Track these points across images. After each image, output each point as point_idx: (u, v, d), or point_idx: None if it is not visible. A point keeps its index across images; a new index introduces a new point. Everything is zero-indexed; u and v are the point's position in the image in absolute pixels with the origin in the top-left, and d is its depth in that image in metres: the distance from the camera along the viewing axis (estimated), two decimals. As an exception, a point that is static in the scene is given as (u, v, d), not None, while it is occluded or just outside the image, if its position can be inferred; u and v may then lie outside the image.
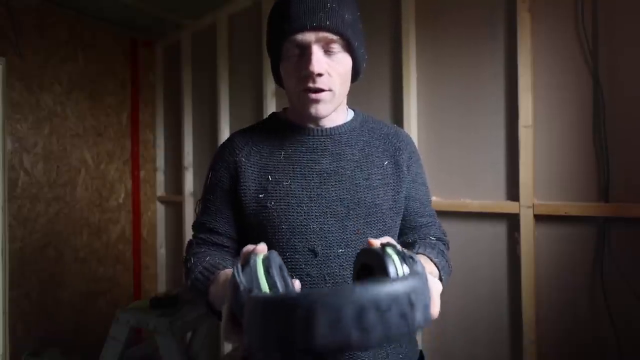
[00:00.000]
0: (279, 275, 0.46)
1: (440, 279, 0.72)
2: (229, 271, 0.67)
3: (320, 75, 0.69)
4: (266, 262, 0.46)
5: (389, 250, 0.47)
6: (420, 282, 0.39)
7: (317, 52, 0.68)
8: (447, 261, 0.79)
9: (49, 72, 2.25)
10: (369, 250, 0.50)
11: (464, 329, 1.52)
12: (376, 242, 0.53)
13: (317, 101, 0.71)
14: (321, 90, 0.71)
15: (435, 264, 0.72)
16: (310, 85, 0.70)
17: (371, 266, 0.48)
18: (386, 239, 0.53)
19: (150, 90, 2.86)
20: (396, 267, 0.44)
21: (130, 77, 2.70)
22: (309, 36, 0.68)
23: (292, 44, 0.69)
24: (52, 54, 2.26)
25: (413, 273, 0.41)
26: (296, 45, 0.69)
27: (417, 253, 0.74)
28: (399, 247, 0.49)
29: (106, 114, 2.55)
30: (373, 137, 0.83)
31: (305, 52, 0.69)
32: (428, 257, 0.73)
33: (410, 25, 1.63)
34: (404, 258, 0.46)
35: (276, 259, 0.48)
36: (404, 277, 0.38)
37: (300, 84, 0.71)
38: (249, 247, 0.53)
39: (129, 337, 1.82)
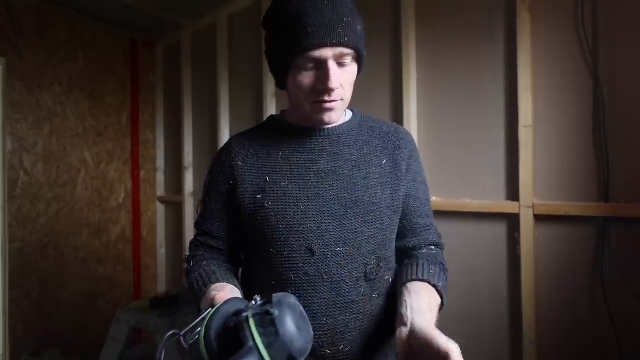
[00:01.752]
0: (215, 343, 0.49)
1: (442, 303, 0.72)
2: (218, 285, 0.71)
3: (336, 89, 0.71)
4: (208, 329, 0.49)
5: (251, 324, 0.47)
6: None
7: (333, 66, 0.69)
8: (446, 276, 0.77)
9: (49, 72, 2.25)
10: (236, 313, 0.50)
11: (464, 329, 1.52)
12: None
13: (330, 110, 0.73)
14: (334, 100, 0.72)
15: (438, 290, 0.71)
16: (326, 98, 0.71)
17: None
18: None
19: (150, 90, 2.86)
20: (254, 338, 0.46)
21: (130, 77, 2.70)
22: (326, 52, 0.68)
23: (308, 59, 0.69)
24: (52, 54, 2.26)
25: None
26: (312, 60, 0.69)
27: (420, 279, 0.72)
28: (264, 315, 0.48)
29: (106, 114, 2.55)
30: (372, 136, 0.83)
31: (320, 65, 0.69)
32: (431, 284, 0.71)
33: (410, 25, 1.63)
34: (269, 322, 0.46)
35: (218, 320, 0.50)
36: None
37: (314, 95, 0.72)
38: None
39: (129, 337, 1.82)
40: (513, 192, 1.42)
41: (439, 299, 0.71)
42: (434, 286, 0.71)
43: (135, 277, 2.70)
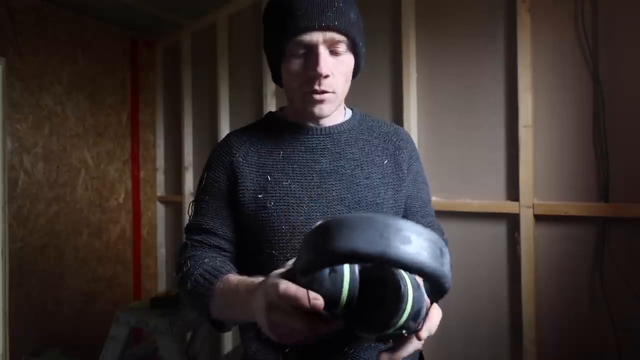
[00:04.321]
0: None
1: None
2: (237, 277, 0.65)
3: (326, 77, 0.68)
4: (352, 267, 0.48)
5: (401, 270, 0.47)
6: None
7: (323, 52, 0.68)
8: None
9: (49, 72, 2.24)
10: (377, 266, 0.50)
11: (464, 329, 1.52)
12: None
13: (321, 101, 0.71)
14: (325, 92, 0.70)
15: None
16: (316, 87, 0.69)
17: (380, 283, 0.48)
18: None
19: (150, 90, 2.86)
20: (407, 288, 0.45)
21: (130, 77, 2.70)
22: (316, 36, 0.67)
23: (298, 44, 0.68)
24: (52, 54, 2.26)
25: None
26: (302, 45, 0.68)
27: None
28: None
29: (106, 114, 2.55)
30: (372, 136, 0.82)
31: (311, 52, 0.68)
32: None
33: (410, 25, 1.63)
34: (413, 279, 0.48)
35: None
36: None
37: (306, 85, 0.70)
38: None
39: (129, 337, 1.82)
40: (513, 192, 1.42)
41: None
42: None
43: (135, 277, 2.69)
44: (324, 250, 0.40)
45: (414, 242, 0.38)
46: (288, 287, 0.47)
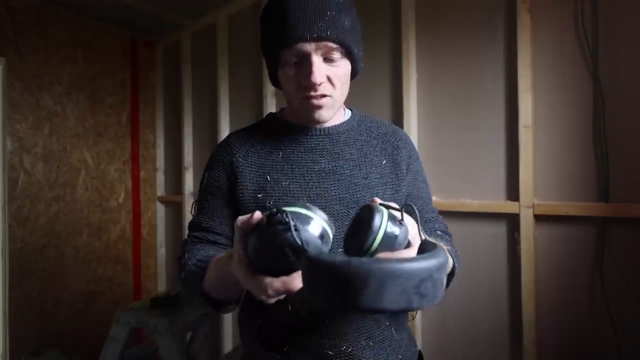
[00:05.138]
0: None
1: (454, 266, 0.73)
2: (221, 256, 0.66)
3: (321, 84, 0.69)
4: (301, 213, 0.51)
5: (383, 209, 0.53)
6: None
7: (317, 61, 0.68)
8: (455, 250, 0.80)
9: (49, 72, 2.25)
10: (366, 206, 0.56)
11: (464, 329, 1.52)
12: (378, 201, 0.56)
13: (319, 107, 0.72)
14: (323, 96, 0.71)
15: (447, 251, 0.72)
16: (312, 93, 0.70)
17: (361, 219, 0.53)
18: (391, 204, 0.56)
19: (150, 90, 2.86)
20: (382, 222, 0.51)
21: (130, 77, 2.70)
22: (308, 46, 0.67)
23: (292, 53, 0.69)
24: (52, 54, 2.26)
25: (435, 253, 0.46)
26: (295, 54, 0.69)
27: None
28: (394, 210, 0.53)
29: (106, 114, 2.55)
30: (371, 137, 0.83)
31: (305, 60, 0.69)
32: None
33: (410, 26, 1.63)
34: (393, 218, 0.53)
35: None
36: (431, 255, 0.43)
37: (301, 91, 0.71)
38: (243, 217, 0.52)
39: (129, 337, 1.82)
40: (513, 192, 1.42)
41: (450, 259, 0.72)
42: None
43: (135, 277, 2.70)
44: (348, 305, 0.41)
45: (431, 289, 0.41)
46: (273, 285, 0.49)
